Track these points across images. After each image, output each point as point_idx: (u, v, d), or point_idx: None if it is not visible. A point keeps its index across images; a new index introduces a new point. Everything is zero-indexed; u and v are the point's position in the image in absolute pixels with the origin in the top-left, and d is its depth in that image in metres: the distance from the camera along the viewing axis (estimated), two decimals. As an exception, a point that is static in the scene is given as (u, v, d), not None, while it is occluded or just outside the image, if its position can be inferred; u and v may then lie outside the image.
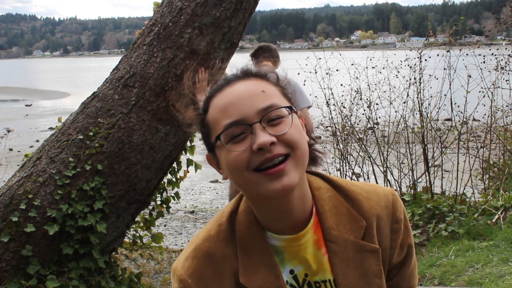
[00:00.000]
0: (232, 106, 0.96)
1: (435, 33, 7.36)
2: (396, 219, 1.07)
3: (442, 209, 5.36)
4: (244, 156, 0.94)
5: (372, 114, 6.43)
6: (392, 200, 1.08)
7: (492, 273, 3.89)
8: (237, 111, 0.95)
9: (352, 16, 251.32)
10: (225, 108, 0.97)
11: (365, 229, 1.04)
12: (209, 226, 1.07)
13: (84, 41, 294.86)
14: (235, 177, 0.97)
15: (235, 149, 0.94)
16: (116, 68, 3.50)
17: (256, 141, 0.93)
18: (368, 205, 1.06)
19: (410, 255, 1.11)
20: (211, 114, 1.00)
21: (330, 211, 1.04)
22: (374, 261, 1.03)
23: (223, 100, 0.98)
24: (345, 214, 1.05)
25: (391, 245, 1.07)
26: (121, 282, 3.59)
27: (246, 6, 3.41)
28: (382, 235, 1.06)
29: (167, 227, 7.71)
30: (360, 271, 1.03)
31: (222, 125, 0.96)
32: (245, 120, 0.95)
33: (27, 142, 15.41)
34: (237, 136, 0.95)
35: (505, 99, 6.76)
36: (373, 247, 1.04)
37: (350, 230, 1.03)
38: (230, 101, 0.97)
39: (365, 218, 1.04)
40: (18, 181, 3.31)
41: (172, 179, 4.12)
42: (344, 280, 1.02)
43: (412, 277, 1.13)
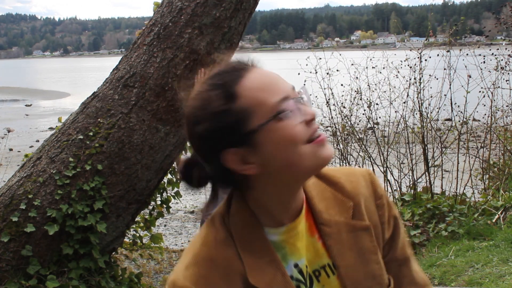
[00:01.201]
0: (274, 84, 0.95)
1: (435, 33, 7.36)
2: (378, 195, 1.10)
3: (442, 209, 5.36)
4: (300, 128, 0.93)
5: (372, 114, 6.43)
6: (370, 179, 1.11)
7: (492, 273, 3.89)
8: (280, 89, 0.94)
9: (352, 16, 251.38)
10: (267, 87, 0.94)
11: (353, 209, 1.05)
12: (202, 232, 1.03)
13: (84, 41, 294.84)
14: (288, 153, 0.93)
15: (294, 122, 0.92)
16: (116, 68, 3.50)
17: (308, 112, 0.94)
18: (350, 186, 1.08)
19: (398, 227, 1.13)
20: (247, 98, 0.93)
21: (317, 196, 1.06)
22: (368, 237, 1.05)
23: (259, 81, 0.95)
24: (331, 198, 1.06)
25: (381, 221, 1.09)
26: (121, 282, 3.59)
27: (246, 6, 3.41)
28: (370, 213, 1.08)
29: (167, 227, 7.71)
30: (356, 250, 1.04)
31: (272, 102, 0.92)
32: (290, 96, 0.95)
33: (27, 142, 15.41)
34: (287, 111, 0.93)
35: (505, 99, 6.76)
36: (364, 225, 1.05)
37: (339, 212, 1.05)
38: (269, 81, 0.95)
39: (351, 198, 1.06)
40: (18, 181, 3.31)
41: (172, 179, 4.12)
42: (343, 261, 1.03)
43: (405, 247, 1.15)
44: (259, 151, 0.94)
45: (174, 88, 3.34)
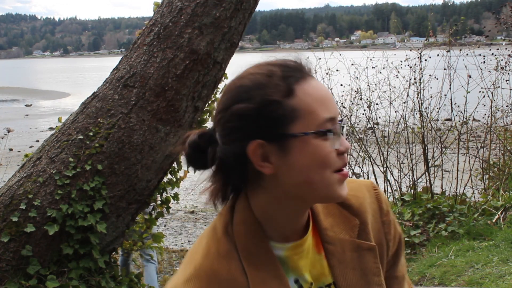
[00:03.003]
0: (330, 101, 0.91)
1: (435, 33, 7.37)
2: (384, 212, 1.07)
3: (442, 209, 5.36)
4: (333, 155, 0.90)
5: (372, 114, 6.44)
6: (375, 194, 1.08)
7: (492, 273, 3.89)
8: (333, 108, 0.91)
9: (352, 16, 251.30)
10: (324, 101, 0.90)
11: (359, 227, 1.03)
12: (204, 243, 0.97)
13: (84, 41, 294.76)
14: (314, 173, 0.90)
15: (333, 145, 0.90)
16: (116, 68, 3.50)
17: (345, 144, 0.92)
18: (357, 203, 1.05)
19: (401, 245, 1.11)
20: (301, 100, 0.89)
21: (322, 212, 1.03)
22: (372, 259, 1.02)
23: (319, 92, 0.91)
24: (337, 215, 1.03)
25: (386, 238, 1.07)
26: (121, 282, 3.59)
27: (246, 6, 3.41)
28: (375, 231, 1.05)
29: (167, 227, 7.71)
30: (359, 271, 1.01)
31: (322, 117, 0.89)
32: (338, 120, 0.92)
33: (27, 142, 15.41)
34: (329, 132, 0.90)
35: (505, 99, 6.77)
36: (369, 245, 1.03)
37: (345, 230, 1.02)
38: (326, 96, 0.91)
39: (357, 216, 1.03)
40: (18, 181, 3.31)
41: (172, 179, 4.12)
42: (345, 282, 1.00)
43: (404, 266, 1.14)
44: (286, 156, 0.90)
45: (174, 88, 3.34)
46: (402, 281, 1.13)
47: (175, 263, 5.83)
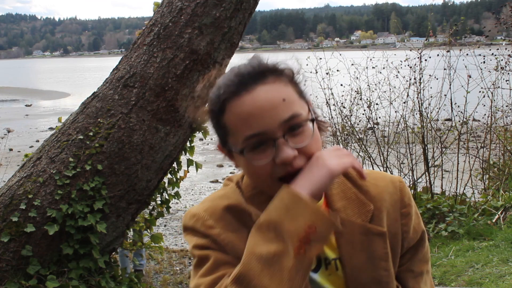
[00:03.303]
0: (254, 118, 0.95)
1: (435, 33, 7.36)
2: (405, 204, 1.11)
3: (442, 209, 5.36)
4: (267, 167, 0.96)
5: (372, 114, 6.43)
6: (400, 187, 1.12)
7: (492, 273, 3.89)
8: (260, 124, 0.94)
9: (352, 16, 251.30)
10: (246, 119, 0.95)
11: (373, 213, 1.06)
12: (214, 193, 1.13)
13: (84, 41, 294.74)
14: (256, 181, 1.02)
15: (258, 160, 0.96)
16: (116, 68, 3.50)
17: (280, 156, 0.94)
18: (375, 191, 1.09)
19: (423, 240, 1.15)
20: (229, 119, 0.98)
21: (337, 195, 1.07)
22: (381, 244, 1.05)
23: (244, 109, 0.95)
24: (353, 198, 1.07)
25: (403, 229, 1.10)
26: (121, 282, 3.59)
27: (246, 6, 3.41)
28: (391, 220, 1.08)
29: (167, 227, 7.71)
30: (367, 254, 1.04)
31: (244, 135, 0.96)
32: (268, 133, 0.95)
33: (27, 142, 15.41)
34: (258, 146, 0.96)
35: (505, 99, 6.76)
36: (379, 230, 1.06)
37: (358, 214, 1.06)
38: (252, 112, 0.95)
39: (373, 202, 1.07)
40: (18, 181, 3.31)
41: (172, 179, 4.12)
42: (350, 262, 1.04)
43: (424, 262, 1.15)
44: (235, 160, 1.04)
45: (174, 88, 3.34)
46: (419, 277, 1.13)
47: (175, 263, 5.83)
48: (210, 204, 1.07)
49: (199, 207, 1.07)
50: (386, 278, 1.05)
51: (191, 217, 1.06)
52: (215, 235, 1.02)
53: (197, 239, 1.04)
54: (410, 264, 1.13)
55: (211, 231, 1.02)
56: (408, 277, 1.12)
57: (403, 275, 1.11)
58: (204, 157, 13.30)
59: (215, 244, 1.01)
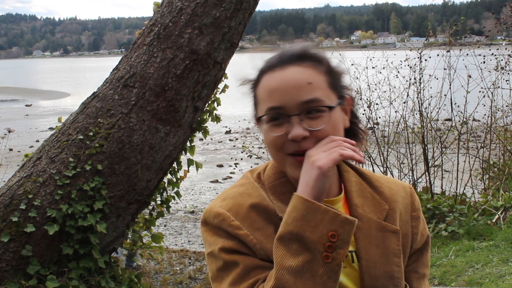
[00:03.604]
0: (278, 92, 1.04)
1: (435, 33, 7.36)
2: (415, 208, 1.18)
3: (442, 209, 5.36)
4: (281, 140, 1.04)
5: (372, 114, 6.43)
6: (410, 192, 1.20)
7: (492, 273, 3.89)
8: (281, 99, 1.03)
9: (352, 16, 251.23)
10: (271, 92, 1.05)
11: (387, 212, 1.12)
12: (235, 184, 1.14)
13: (84, 41, 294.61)
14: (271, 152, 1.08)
15: (274, 132, 1.04)
16: (116, 68, 3.50)
17: (292, 132, 1.02)
18: (389, 193, 1.16)
19: (428, 244, 1.21)
20: (259, 91, 1.08)
21: (356, 192, 1.13)
22: (395, 241, 1.11)
23: (271, 83, 1.05)
24: (369, 197, 1.13)
25: (413, 231, 1.16)
26: (121, 282, 3.59)
27: (246, 6, 3.41)
28: (403, 222, 1.15)
29: (167, 227, 7.71)
30: (382, 249, 1.09)
31: (266, 107, 1.05)
32: (285, 109, 1.03)
33: (27, 142, 15.41)
34: (276, 119, 1.04)
35: (505, 99, 6.77)
36: (394, 228, 1.11)
37: (374, 211, 1.11)
38: (277, 87, 1.04)
39: (387, 202, 1.14)
40: (18, 181, 3.31)
41: (172, 179, 4.12)
42: (367, 255, 1.08)
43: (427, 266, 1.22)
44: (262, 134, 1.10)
45: (174, 88, 3.34)
46: (422, 279, 1.20)
47: (175, 263, 5.83)
48: (233, 202, 1.07)
49: (222, 204, 1.07)
50: (397, 274, 1.10)
51: (215, 216, 1.06)
52: (243, 236, 1.02)
53: (223, 241, 1.03)
54: (416, 265, 1.18)
55: (238, 232, 1.03)
56: (413, 277, 1.18)
57: (408, 275, 1.16)
58: (204, 157, 13.30)
59: (244, 246, 1.02)
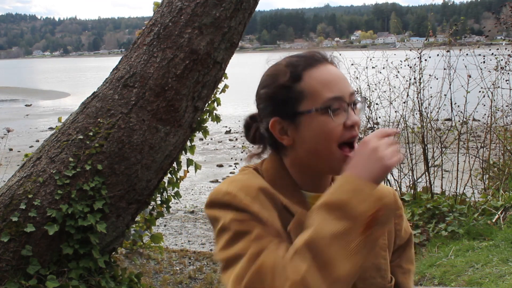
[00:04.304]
0: (335, 82, 1.09)
1: (435, 33, 7.36)
2: (398, 207, 1.25)
3: (442, 209, 5.36)
4: (340, 128, 1.07)
5: (372, 114, 6.43)
6: (393, 192, 1.26)
7: (492, 273, 3.89)
8: (339, 89, 1.08)
9: (352, 16, 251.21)
10: (328, 83, 1.08)
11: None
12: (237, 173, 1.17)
13: (84, 41, 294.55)
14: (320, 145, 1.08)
15: (337, 121, 1.06)
16: (116, 68, 3.50)
17: (352, 119, 1.08)
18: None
19: (411, 241, 1.29)
20: (308, 84, 1.09)
21: None
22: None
23: (325, 76, 1.09)
24: None
25: (396, 228, 1.24)
26: (121, 282, 3.59)
27: (246, 6, 3.41)
28: None
29: (167, 227, 7.71)
30: None
31: (325, 97, 1.07)
32: (343, 98, 1.08)
33: (27, 142, 15.41)
34: (337, 108, 1.07)
35: (505, 99, 6.76)
36: None
37: None
38: (333, 78, 1.09)
39: None
40: (18, 181, 3.31)
41: (172, 179, 4.12)
42: None
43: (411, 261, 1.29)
44: (298, 129, 1.10)
45: (174, 88, 3.34)
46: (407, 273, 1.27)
47: (175, 263, 5.83)
48: (242, 184, 1.07)
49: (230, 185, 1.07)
50: (384, 266, 1.18)
51: (225, 194, 1.05)
52: (256, 212, 1.02)
53: (235, 214, 1.02)
54: (400, 260, 1.26)
55: (250, 207, 1.03)
56: (398, 272, 1.25)
57: (393, 270, 1.23)
58: (204, 157, 13.30)
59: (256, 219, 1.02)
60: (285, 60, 1.14)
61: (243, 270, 0.94)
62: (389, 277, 1.19)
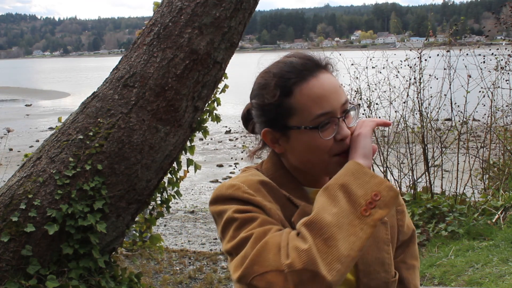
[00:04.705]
0: (325, 98, 1.09)
1: (435, 33, 7.36)
2: (399, 203, 1.29)
3: (442, 209, 5.36)
4: (330, 143, 1.10)
5: (372, 114, 6.43)
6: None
7: (492, 273, 3.90)
8: (328, 104, 1.09)
9: (352, 16, 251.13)
10: (318, 99, 1.09)
11: None
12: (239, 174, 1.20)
13: (84, 41, 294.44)
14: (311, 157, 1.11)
15: (326, 136, 1.09)
16: (116, 68, 3.50)
17: (342, 133, 1.10)
18: None
19: (414, 237, 1.32)
20: (298, 100, 1.09)
21: None
22: (384, 230, 1.21)
23: (314, 91, 1.09)
24: None
25: (398, 223, 1.27)
26: (121, 282, 3.59)
27: (246, 6, 3.41)
28: (390, 215, 1.24)
29: (167, 227, 7.71)
30: (373, 238, 1.18)
31: (314, 114, 1.08)
32: (333, 113, 1.10)
33: (27, 142, 15.41)
34: (326, 123, 1.09)
35: (505, 99, 6.77)
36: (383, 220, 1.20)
37: None
38: (323, 93, 1.10)
39: None
40: (18, 181, 3.31)
41: (172, 179, 4.12)
42: None
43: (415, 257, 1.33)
44: (289, 141, 1.13)
45: (174, 88, 3.34)
46: (411, 269, 1.30)
47: (175, 263, 5.83)
48: (244, 179, 1.11)
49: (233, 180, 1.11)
50: (388, 261, 1.20)
51: (228, 187, 1.09)
52: (259, 201, 1.06)
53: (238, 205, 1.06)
54: (404, 256, 1.30)
55: (254, 198, 1.07)
56: (402, 267, 1.29)
57: (397, 265, 1.27)
58: (204, 157, 13.31)
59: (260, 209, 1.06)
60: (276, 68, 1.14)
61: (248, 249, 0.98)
62: (393, 271, 1.21)
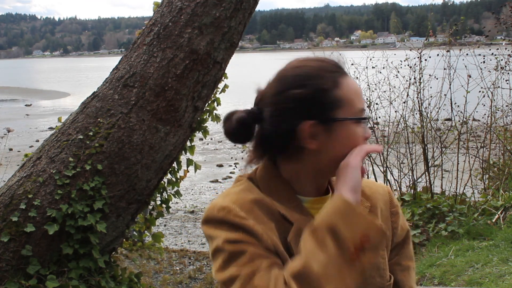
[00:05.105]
0: (361, 95, 1.13)
1: (435, 33, 7.36)
2: (394, 205, 1.27)
3: (442, 209, 5.36)
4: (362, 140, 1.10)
5: (372, 114, 6.43)
6: (388, 190, 1.30)
7: (492, 273, 3.90)
8: (362, 101, 1.13)
9: (352, 16, 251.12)
10: (358, 94, 1.11)
11: (370, 209, 1.20)
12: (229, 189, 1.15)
13: (84, 41, 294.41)
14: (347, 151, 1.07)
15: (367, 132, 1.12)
16: (116, 68, 3.50)
17: (368, 132, 1.13)
18: (369, 192, 1.23)
19: (408, 238, 1.30)
20: (345, 92, 1.09)
21: None
22: None
23: (355, 86, 1.12)
24: None
25: (393, 226, 1.25)
26: (121, 282, 3.59)
27: (246, 6, 3.41)
28: (383, 217, 1.23)
29: (167, 227, 7.72)
30: None
31: (358, 108, 1.10)
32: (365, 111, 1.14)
33: (27, 142, 15.41)
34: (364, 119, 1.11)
35: (505, 99, 6.77)
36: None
37: None
38: (360, 91, 1.13)
39: (368, 200, 1.21)
40: (18, 181, 3.31)
41: (172, 179, 4.12)
42: None
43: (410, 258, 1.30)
44: (331, 135, 1.08)
45: (174, 88, 3.34)
46: (406, 271, 1.28)
47: (175, 263, 5.83)
48: (236, 197, 1.08)
49: (225, 200, 1.07)
50: (383, 265, 1.19)
51: (219, 210, 1.05)
52: (250, 226, 1.03)
53: (228, 233, 1.03)
54: (399, 258, 1.27)
55: (245, 222, 1.03)
56: (397, 270, 1.26)
57: (392, 268, 1.24)
58: (204, 157, 13.31)
59: (250, 236, 1.02)
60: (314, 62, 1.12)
61: None
62: (388, 276, 1.20)
